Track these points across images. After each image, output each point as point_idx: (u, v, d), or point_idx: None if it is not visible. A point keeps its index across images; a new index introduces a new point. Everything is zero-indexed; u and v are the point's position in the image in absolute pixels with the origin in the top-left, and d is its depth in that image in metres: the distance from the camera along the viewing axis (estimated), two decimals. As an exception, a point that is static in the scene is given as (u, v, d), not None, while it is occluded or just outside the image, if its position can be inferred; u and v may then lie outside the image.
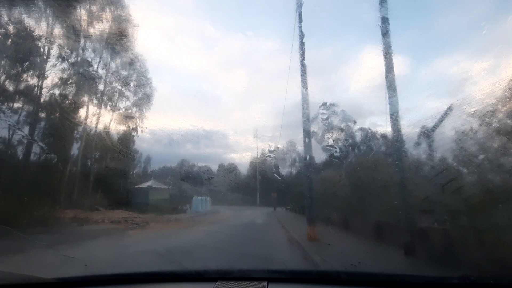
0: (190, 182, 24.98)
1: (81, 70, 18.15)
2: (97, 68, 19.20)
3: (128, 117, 22.49)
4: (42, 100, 16.72)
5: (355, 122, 27.95)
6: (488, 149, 5.09)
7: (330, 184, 11.05)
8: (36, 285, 1.85)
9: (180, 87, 33.41)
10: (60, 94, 17.08)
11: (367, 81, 28.55)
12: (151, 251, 6.33)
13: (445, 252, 4.21)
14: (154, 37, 33.27)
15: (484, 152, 5.40)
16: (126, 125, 22.60)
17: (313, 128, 26.03)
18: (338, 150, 26.25)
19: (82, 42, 17.94)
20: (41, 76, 16.72)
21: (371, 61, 29.69)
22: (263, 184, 31.95)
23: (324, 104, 28.07)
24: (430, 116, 6.37)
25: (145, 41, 31.56)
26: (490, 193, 4.56)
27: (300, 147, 31.45)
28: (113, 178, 21.15)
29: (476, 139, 5.74)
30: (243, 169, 30.82)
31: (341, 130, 28.45)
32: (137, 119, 23.53)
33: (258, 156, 32.57)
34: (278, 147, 31.94)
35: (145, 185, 25.98)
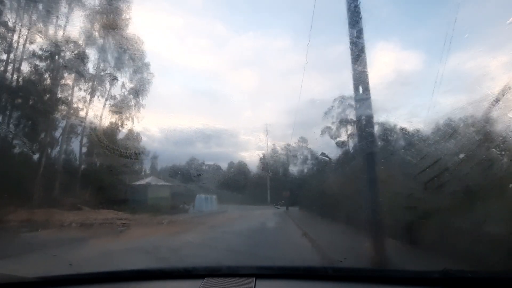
0: (178, 178, 22.57)
1: (61, 48, 15.61)
2: (82, 47, 16.59)
3: (116, 111, 19.82)
4: (14, 82, 14.25)
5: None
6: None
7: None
8: (17, 285, 1.79)
9: (190, 87, 33.51)
10: (35, 73, 14.54)
11: (380, 77, 26.08)
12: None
13: None
14: (164, 37, 32.58)
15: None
16: (119, 116, 20.00)
17: (327, 123, 25.27)
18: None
19: (65, 10, 15.41)
20: (12, 53, 14.28)
21: (383, 58, 30.05)
22: (274, 182, 30.01)
23: (340, 97, 25.69)
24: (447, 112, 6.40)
25: (155, 41, 31.95)
26: None
27: (311, 145, 29.43)
28: (105, 175, 18.70)
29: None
30: (253, 167, 29.40)
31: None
32: (133, 108, 20.95)
33: (269, 152, 30.59)
34: (289, 145, 30.31)
35: (143, 181, 23.44)
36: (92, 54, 17.48)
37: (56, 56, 15.73)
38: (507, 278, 1.75)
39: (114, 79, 19.70)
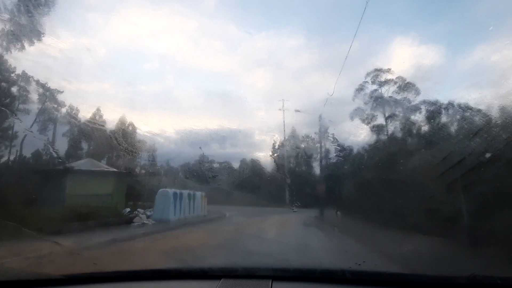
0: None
1: None
2: None
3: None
4: None
5: (417, 91, 18.36)
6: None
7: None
8: (44, 281, 1.86)
9: (205, 89, 34.31)
10: None
11: (398, 73, 22.55)
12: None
13: None
14: (179, 41, 34.03)
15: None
16: None
17: (358, 103, 20.45)
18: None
19: None
20: None
21: (401, 53, 29.12)
22: (295, 179, 24.43)
23: (376, 70, 19.90)
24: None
25: (171, 44, 32.20)
26: None
27: (339, 136, 27.06)
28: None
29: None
30: (269, 164, 27.05)
31: (397, 104, 20.86)
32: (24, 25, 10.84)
33: (288, 142, 26.42)
34: (309, 136, 26.69)
35: (68, 166, 13.42)
36: None
37: None
38: None
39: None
